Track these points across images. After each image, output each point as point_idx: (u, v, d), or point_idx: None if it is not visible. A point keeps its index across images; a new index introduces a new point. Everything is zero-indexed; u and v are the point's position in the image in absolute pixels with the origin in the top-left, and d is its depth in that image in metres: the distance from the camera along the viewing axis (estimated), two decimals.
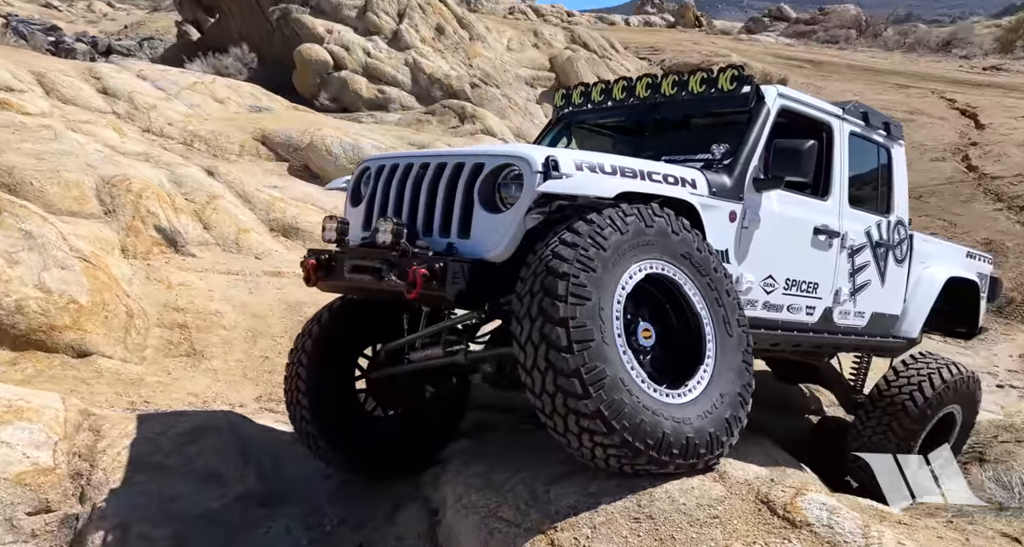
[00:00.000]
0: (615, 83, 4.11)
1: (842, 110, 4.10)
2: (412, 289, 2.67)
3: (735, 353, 2.80)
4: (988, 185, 14.08)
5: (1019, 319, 10.70)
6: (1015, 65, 23.11)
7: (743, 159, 3.43)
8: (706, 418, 2.59)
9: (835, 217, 3.95)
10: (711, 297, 2.81)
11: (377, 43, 20.81)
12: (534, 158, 2.70)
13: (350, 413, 3.60)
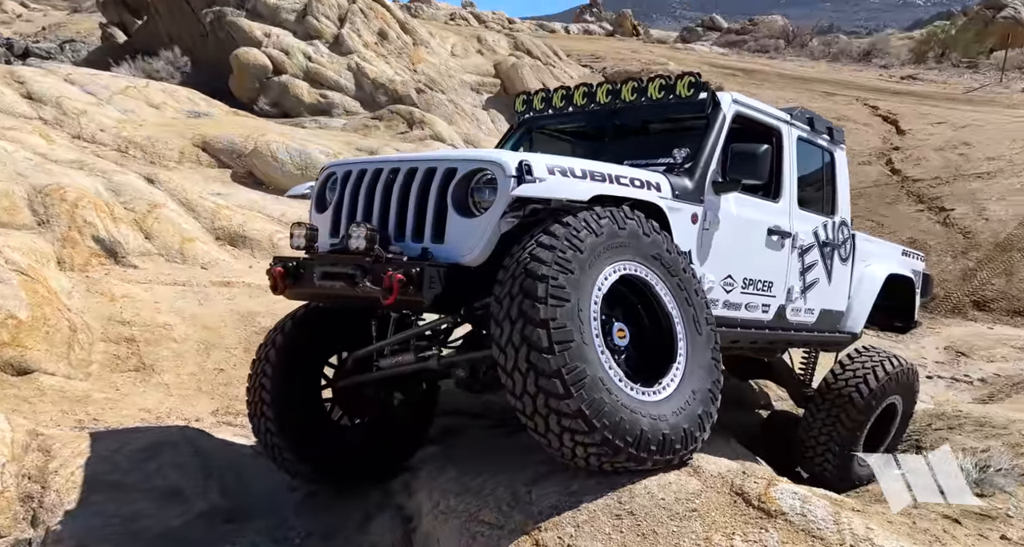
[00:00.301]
0: (576, 89, 4.16)
1: (790, 116, 4.25)
2: (388, 295, 2.64)
3: (705, 351, 2.88)
4: (910, 187, 14.96)
5: (942, 314, 11.39)
6: (928, 75, 24.64)
7: (703, 163, 3.53)
8: (680, 414, 2.65)
9: (786, 218, 4.09)
10: (681, 297, 2.87)
11: (318, 47, 20.45)
12: (508, 163, 2.73)
13: (316, 423, 3.53)
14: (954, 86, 22.73)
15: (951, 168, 15.40)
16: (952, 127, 17.54)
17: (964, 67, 25.34)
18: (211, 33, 21.20)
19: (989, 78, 23.23)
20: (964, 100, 20.52)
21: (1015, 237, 12.51)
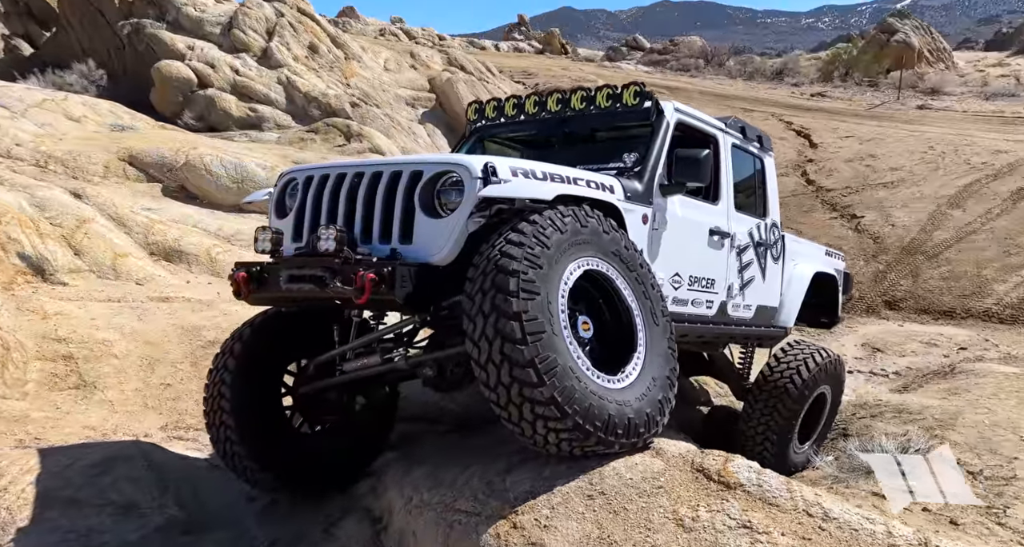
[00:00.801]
0: (527, 98, 4.31)
1: (724, 124, 4.50)
2: (361, 294, 2.68)
3: (662, 340, 3.03)
4: (824, 197, 15.97)
5: (858, 313, 12.19)
6: (835, 92, 26.41)
7: (651, 167, 3.72)
8: (643, 400, 2.78)
9: (725, 219, 4.31)
10: (639, 291, 3.01)
11: (246, 61, 20.03)
12: (473, 165, 2.83)
13: (277, 431, 3.51)
14: (858, 103, 24.45)
15: (859, 178, 16.54)
16: (859, 140, 18.87)
17: (866, 85, 27.31)
18: (129, 45, 20.45)
19: (888, 96, 25.12)
20: (868, 116, 22.10)
21: (918, 241, 13.55)
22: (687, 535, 2.28)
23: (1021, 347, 9.92)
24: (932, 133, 19.11)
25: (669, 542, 2.26)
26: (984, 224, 13.75)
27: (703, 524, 2.32)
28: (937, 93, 24.97)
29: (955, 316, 11.46)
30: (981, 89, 25.95)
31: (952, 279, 12.21)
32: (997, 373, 7.57)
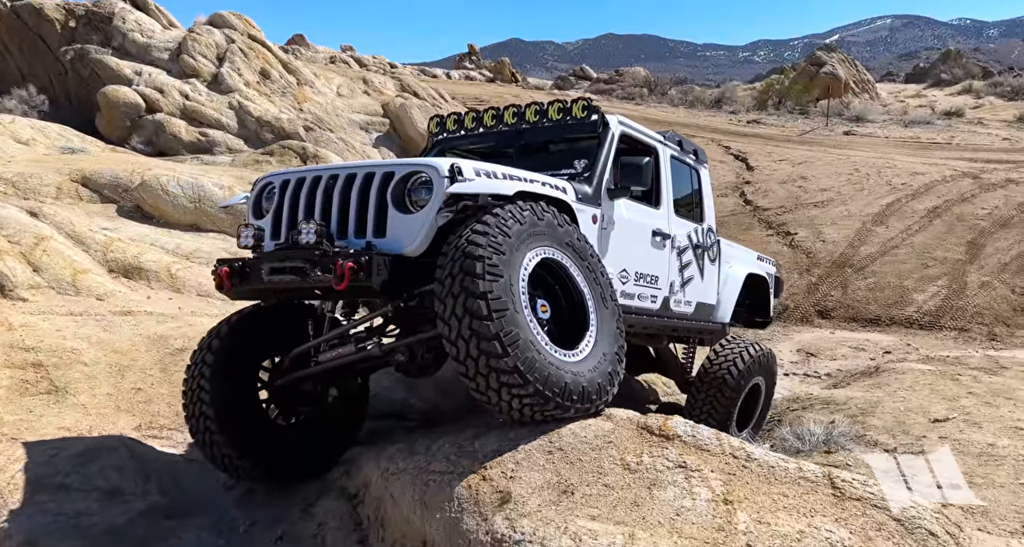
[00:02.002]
0: (485, 112, 4.67)
1: (663, 137, 4.95)
2: (341, 281, 2.94)
3: (611, 321, 3.36)
4: (761, 216, 16.93)
5: (793, 322, 12.96)
6: (769, 120, 27.96)
7: (598, 172, 4.10)
8: (595, 371, 3.10)
9: (666, 222, 4.72)
10: (590, 277, 3.35)
11: (196, 86, 20.02)
12: (441, 166, 3.15)
13: (255, 422, 3.70)
14: (791, 129, 25.96)
15: (793, 199, 17.61)
16: (791, 164, 20.07)
17: (797, 113, 29.02)
18: (72, 71, 20.21)
19: (817, 123, 26.75)
20: (799, 141, 23.50)
21: (846, 256, 14.52)
22: (632, 475, 2.64)
23: (938, 350, 10.77)
24: (857, 157, 20.51)
25: (617, 481, 2.61)
26: (904, 239, 14.86)
27: (646, 466, 2.68)
28: (862, 120, 26.75)
29: (880, 323, 12.34)
30: (901, 117, 27.92)
31: (877, 290, 13.15)
32: (915, 370, 8.28)
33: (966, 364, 8.86)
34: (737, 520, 2.35)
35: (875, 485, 2.57)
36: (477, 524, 2.54)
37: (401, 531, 2.86)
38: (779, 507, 2.43)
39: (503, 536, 2.43)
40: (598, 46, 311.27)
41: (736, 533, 2.30)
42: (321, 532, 3.27)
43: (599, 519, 2.40)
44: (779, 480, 2.61)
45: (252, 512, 3.65)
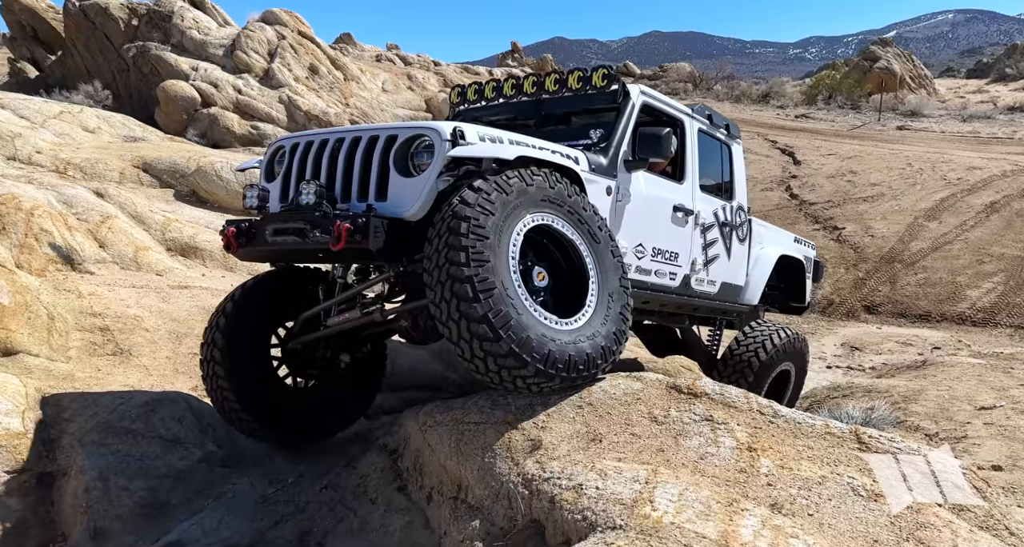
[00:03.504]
0: (505, 81, 4.54)
1: (691, 110, 4.74)
2: (337, 242, 2.91)
3: (616, 289, 3.25)
4: (807, 210, 16.62)
5: (839, 317, 12.72)
6: (818, 114, 27.32)
7: (615, 143, 3.94)
8: (597, 335, 3.01)
9: (690, 198, 4.54)
10: (592, 244, 3.21)
11: (248, 81, 20.71)
12: (443, 129, 3.07)
13: (267, 384, 3.76)
14: (841, 124, 25.32)
15: (841, 193, 17.22)
16: (840, 158, 19.61)
17: (848, 108, 28.27)
18: (134, 67, 21.11)
19: (869, 118, 26.02)
20: (849, 136, 22.92)
21: (896, 251, 14.15)
22: (659, 426, 2.73)
23: (992, 346, 10.44)
24: (910, 151, 19.91)
25: (644, 432, 2.71)
26: (959, 235, 14.39)
27: (673, 419, 2.77)
28: (917, 115, 25.91)
29: (930, 319, 12.00)
30: (960, 112, 26.91)
31: (928, 285, 12.79)
32: (964, 363, 8.08)
33: (1021, 360, 8.59)
34: (760, 465, 2.41)
35: (902, 441, 2.60)
36: (509, 468, 2.68)
37: (438, 477, 3.02)
38: (803, 457, 2.49)
39: (533, 476, 2.55)
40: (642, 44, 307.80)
41: (758, 475, 2.37)
42: (364, 483, 3.44)
43: (625, 461, 2.50)
44: (805, 434, 2.66)
45: (299, 466, 3.86)
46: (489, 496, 2.73)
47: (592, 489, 2.36)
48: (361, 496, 3.37)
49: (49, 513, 3.12)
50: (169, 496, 3.32)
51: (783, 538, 1.98)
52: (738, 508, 2.15)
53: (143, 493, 3.24)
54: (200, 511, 3.32)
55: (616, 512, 2.18)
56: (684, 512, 2.11)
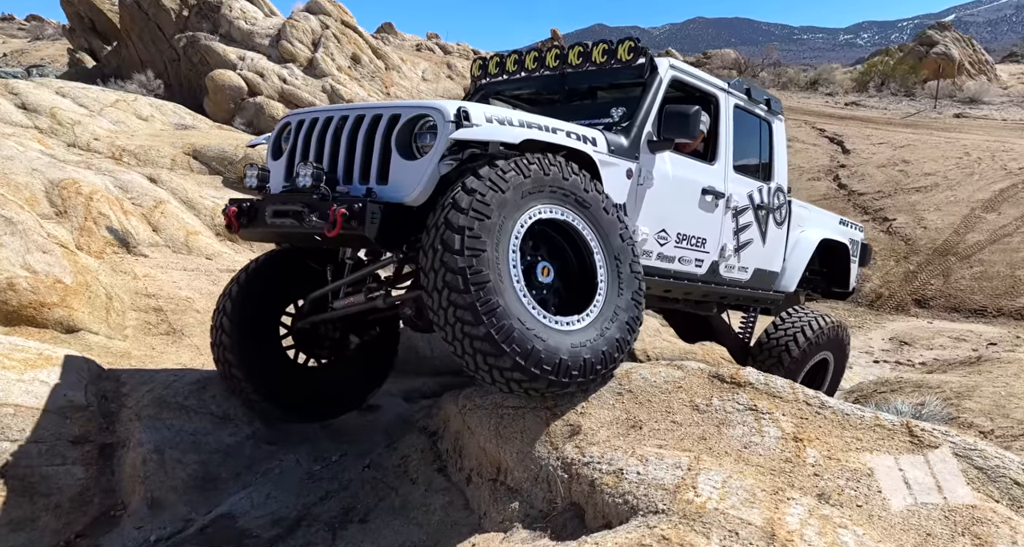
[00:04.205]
0: (527, 54, 4.29)
1: (727, 84, 4.44)
2: (332, 228, 2.79)
3: (628, 288, 3.05)
4: (856, 200, 16.13)
5: (887, 311, 12.36)
6: (870, 102, 26.41)
7: (638, 122, 3.70)
8: (599, 339, 2.84)
9: (721, 180, 4.25)
10: (601, 234, 3.02)
11: (292, 70, 21.08)
12: (447, 109, 2.91)
13: (276, 363, 3.76)
14: (894, 112, 24.44)
15: (892, 183, 16.66)
16: (892, 147, 18.95)
17: (902, 95, 27.24)
18: (184, 57, 21.66)
19: (924, 105, 25.05)
20: (902, 124, 22.11)
21: (950, 243, 13.65)
22: (701, 415, 2.71)
23: None
24: (968, 140, 19.10)
25: (686, 420, 2.69)
26: (1019, 227, 13.78)
27: (715, 408, 2.74)
28: (976, 102, 24.81)
29: (986, 314, 11.56)
30: (1023, 99, 25.69)
31: (984, 279, 12.30)
32: (1022, 360, 7.76)
33: None
34: (806, 455, 2.38)
35: (957, 435, 2.52)
36: (548, 452, 2.69)
37: (477, 459, 3.05)
38: (851, 448, 2.44)
39: (573, 460, 2.56)
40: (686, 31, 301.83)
41: (804, 465, 2.33)
42: (404, 463, 3.51)
43: (666, 448, 2.49)
44: (853, 426, 2.60)
45: (342, 446, 3.95)
46: (528, 479, 2.75)
47: (633, 474, 2.36)
48: (402, 476, 3.44)
49: (110, 482, 3.27)
50: (219, 470, 3.44)
51: (831, 527, 1.95)
52: (784, 497, 2.12)
53: (196, 466, 3.38)
54: (249, 485, 3.43)
55: (658, 497, 2.18)
56: (728, 499, 2.09)
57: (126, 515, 3.20)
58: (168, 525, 3.18)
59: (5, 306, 4.16)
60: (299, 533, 3.12)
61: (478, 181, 2.70)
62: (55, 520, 3.08)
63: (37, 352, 3.48)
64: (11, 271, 4.30)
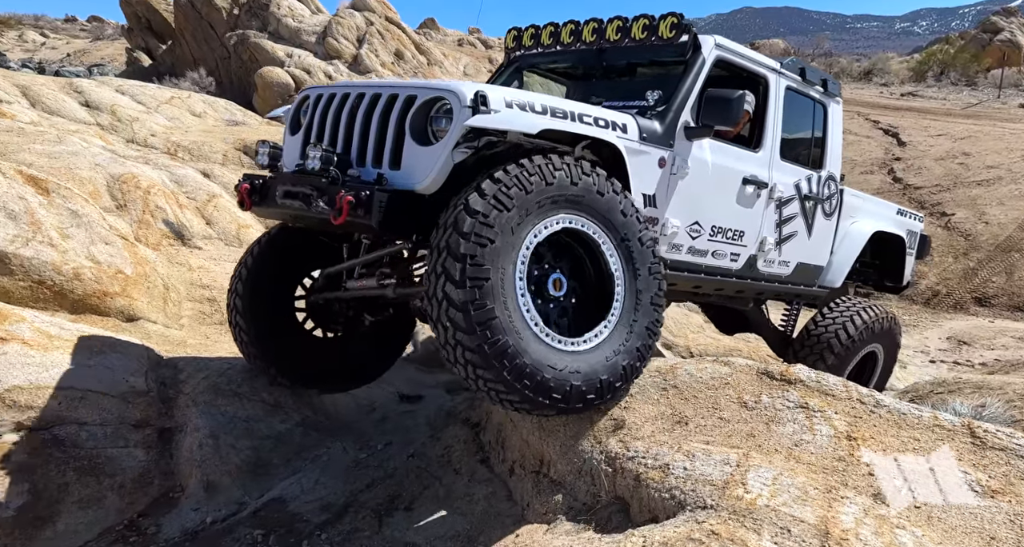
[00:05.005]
0: (563, 26, 4.00)
1: (780, 64, 4.11)
2: (339, 215, 2.68)
3: (645, 307, 2.88)
4: (912, 194, 15.55)
5: (944, 309, 11.90)
6: (927, 92, 25.40)
7: (675, 107, 3.44)
8: (599, 366, 2.69)
9: (765, 169, 3.98)
10: (628, 260, 2.86)
11: (338, 67, 21.44)
12: (464, 93, 2.71)
13: (285, 332, 3.74)
14: (953, 102, 23.44)
15: (951, 176, 15.99)
16: (952, 139, 18.18)
17: (962, 85, 26.10)
18: (234, 55, 22.24)
19: (987, 95, 23.94)
20: (963, 115, 21.20)
21: (1014, 239, 13.04)
22: (749, 412, 2.66)
23: None
24: None
25: (733, 416, 2.64)
26: None
27: (764, 405, 2.69)
28: None
29: None
30: None
31: None
32: None
33: None
34: (860, 454, 2.31)
35: (1023, 437, 2.42)
36: (592, 445, 2.69)
37: (520, 451, 3.07)
38: (908, 448, 2.36)
39: (617, 454, 2.55)
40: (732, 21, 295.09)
41: (858, 464, 2.27)
42: (447, 453, 3.55)
43: (713, 444, 2.46)
44: (910, 425, 2.52)
45: (386, 435, 4.03)
46: (571, 472, 2.75)
47: (680, 469, 2.34)
48: (445, 466, 3.48)
49: (169, 464, 3.41)
50: (271, 456, 3.55)
51: (888, 528, 1.90)
52: (837, 495, 2.07)
53: (248, 452, 3.49)
54: (298, 471, 3.53)
55: (706, 492, 2.16)
56: (779, 496, 2.05)
57: (184, 497, 3.33)
58: (223, 507, 3.30)
59: (72, 295, 4.35)
60: (347, 519, 3.19)
61: (481, 200, 2.51)
62: (119, 500, 3.22)
63: (102, 339, 3.64)
64: (77, 261, 4.50)
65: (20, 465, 3.09)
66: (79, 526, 3.10)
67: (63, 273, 4.35)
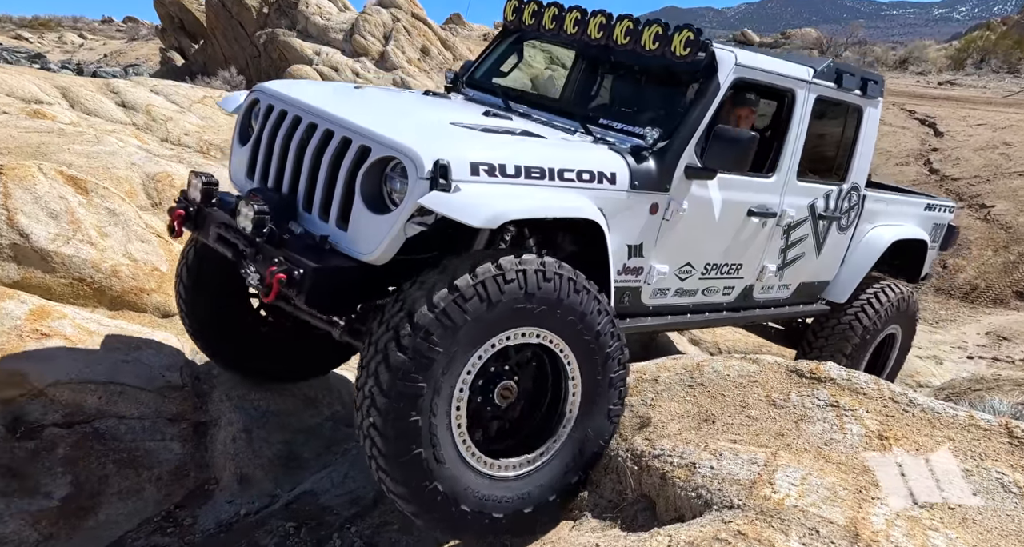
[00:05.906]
0: (569, 12, 3.56)
1: (812, 73, 3.65)
2: (268, 292, 2.40)
3: (594, 432, 2.67)
4: (949, 186, 15.14)
5: (983, 304, 11.59)
6: (967, 80, 24.67)
7: (676, 147, 3.07)
8: (522, 498, 2.52)
9: (776, 196, 3.63)
10: (592, 372, 2.59)
11: (365, 64, 21.63)
12: (422, 160, 2.32)
13: (231, 320, 3.53)
14: (994, 90, 22.73)
15: (992, 167, 15.52)
16: (992, 128, 17.64)
17: (1004, 73, 25.28)
18: (264, 53, 22.57)
19: None
20: (1005, 103, 20.54)
21: None
22: (778, 410, 2.64)
23: None
24: None
25: (761, 414, 2.62)
26: None
27: (793, 403, 2.66)
28: None
29: None
30: None
31: None
32: None
33: None
34: (892, 454, 2.28)
35: None
36: (617, 443, 2.69)
37: None
38: (942, 448, 2.32)
39: (643, 452, 2.55)
40: (762, 10, 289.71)
41: (890, 464, 2.24)
42: None
43: (740, 443, 2.45)
44: (945, 425, 2.47)
45: None
46: (597, 469, 2.76)
47: (706, 468, 2.33)
48: None
49: (204, 458, 3.51)
50: (302, 449, 3.63)
51: (921, 530, 1.87)
52: (868, 496, 2.05)
53: (280, 445, 3.57)
54: (329, 465, 3.60)
55: (733, 492, 2.15)
56: (808, 496, 2.04)
57: (218, 489, 3.43)
58: (256, 500, 3.39)
59: (110, 292, 4.48)
60: (376, 512, 3.24)
61: (429, 315, 2.22)
62: (157, 491, 3.33)
63: (139, 334, 3.76)
64: (115, 259, 4.62)
65: (63, 458, 3.22)
66: (119, 516, 3.21)
67: (102, 270, 4.48)
